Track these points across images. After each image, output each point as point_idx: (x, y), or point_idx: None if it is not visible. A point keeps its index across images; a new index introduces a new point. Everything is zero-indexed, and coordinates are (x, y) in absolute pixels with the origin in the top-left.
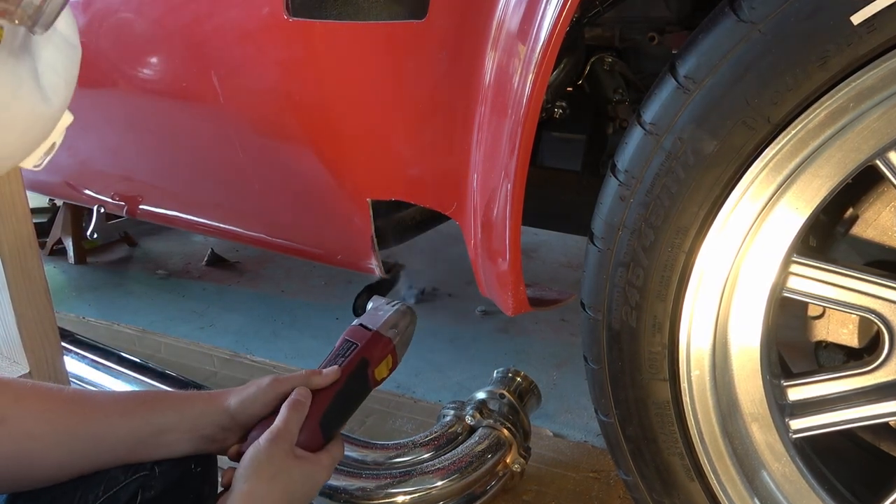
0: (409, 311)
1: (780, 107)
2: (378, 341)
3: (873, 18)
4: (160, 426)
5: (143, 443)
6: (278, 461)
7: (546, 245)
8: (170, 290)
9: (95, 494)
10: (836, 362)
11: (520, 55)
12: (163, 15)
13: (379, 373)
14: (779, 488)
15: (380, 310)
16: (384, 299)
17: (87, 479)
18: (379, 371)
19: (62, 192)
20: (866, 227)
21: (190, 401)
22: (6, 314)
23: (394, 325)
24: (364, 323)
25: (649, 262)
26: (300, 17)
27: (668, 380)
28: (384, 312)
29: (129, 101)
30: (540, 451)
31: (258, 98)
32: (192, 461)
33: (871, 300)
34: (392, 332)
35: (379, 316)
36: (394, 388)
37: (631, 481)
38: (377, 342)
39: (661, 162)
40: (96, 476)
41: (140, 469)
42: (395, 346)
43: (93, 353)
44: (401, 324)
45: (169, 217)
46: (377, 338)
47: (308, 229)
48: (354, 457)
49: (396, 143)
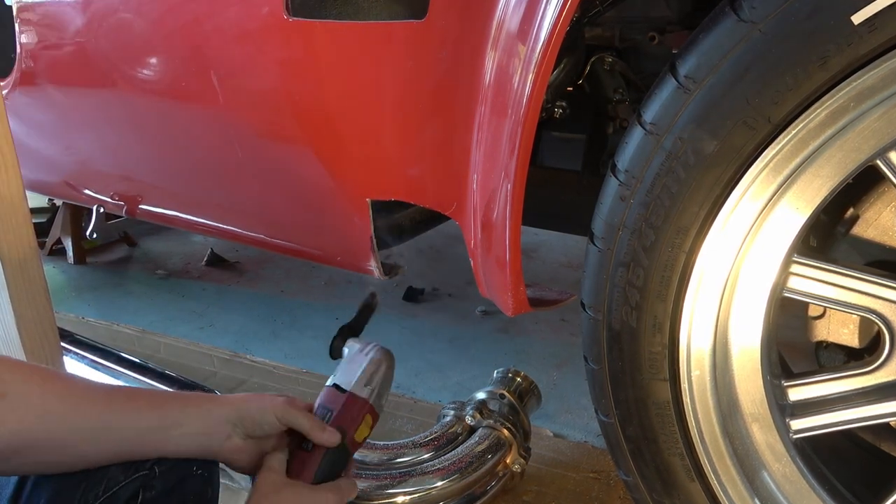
0: (385, 356)
1: (780, 106)
2: (353, 405)
3: (874, 18)
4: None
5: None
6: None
7: (546, 245)
8: (169, 291)
9: (96, 493)
10: (837, 362)
11: (520, 55)
12: (162, 15)
13: (359, 435)
14: (779, 488)
15: (354, 361)
16: (358, 344)
17: (88, 477)
18: (359, 433)
19: (62, 192)
20: (867, 227)
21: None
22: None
23: (368, 382)
24: (338, 383)
25: (650, 262)
26: (300, 17)
27: (668, 380)
28: (358, 365)
29: (128, 101)
30: (540, 452)
31: (258, 98)
32: (195, 463)
33: (871, 300)
34: (367, 390)
35: (353, 370)
36: (394, 389)
37: (631, 482)
38: (353, 406)
39: (661, 162)
40: (97, 474)
41: (141, 468)
42: (373, 405)
43: (92, 354)
44: (376, 377)
45: (168, 217)
46: (352, 401)
47: (307, 230)
48: (354, 457)
49: (396, 143)
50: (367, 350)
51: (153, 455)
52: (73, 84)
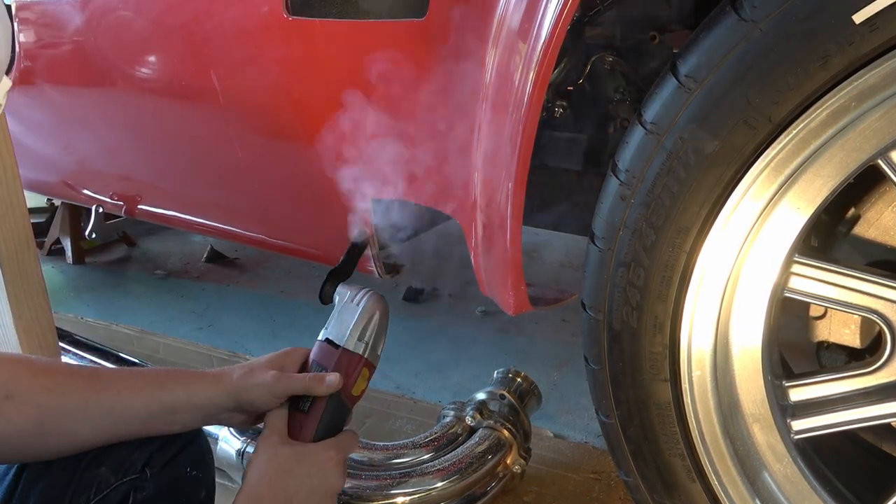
0: (377, 304)
1: (781, 106)
2: (348, 361)
3: (875, 17)
4: (170, 404)
5: (155, 418)
6: (267, 450)
7: (546, 245)
8: (169, 291)
9: (87, 496)
10: (838, 363)
11: (521, 53)
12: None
13: (357, 389)
14: (780, 489)
15: (345, 312)
16: (349, 291)
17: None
18: (356, 388)
19: (60, 192)
20: (868, 227)
21: (198, 380)
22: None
23: (361, 335)
24: (331, 338)
25: (650, 262)
26: (300, 16)
27: (669, 380)
28: (350, 316)
29: (127, 100)
30: (540, 452)
31: (258, 97)
32: (187, 464)
33: (872, 300)
34: (361, 344)
35: (345, 323)
36: (393, 389)
37: (632, 482)
38: (348, 362)
39: (662, 161)
40: (87, 477)
41: (132, 471)
42: (368, 358)
43: (91, 354)
44: (369, 328)
45: (168, 217)
46: (347, 358)
47: (307, 229)
48: (354, 458)
49: (396, 141)
50: (358, 298)
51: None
52: (72, 83)
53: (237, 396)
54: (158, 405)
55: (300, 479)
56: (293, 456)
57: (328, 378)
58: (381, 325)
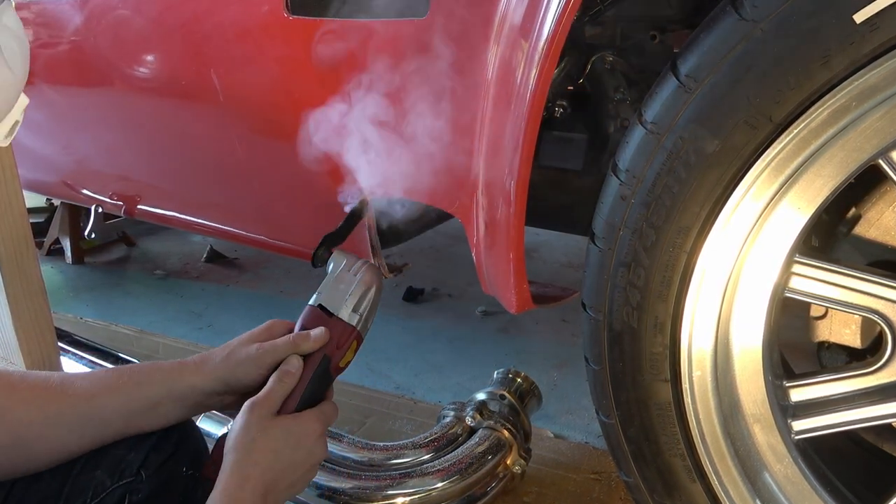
0: (375, 278)
1: (782, 106)
2: (342, 332)
3: (876, 17)
4: (150, 400)
5: (137, 415)
6: (255, 427)
7: (546, 245)
8: (168, 291)
9: (83, 500)
10: (839, 363)
11: (523, 50)
12: (162, 13)
13: (344, 361)
14: (781, 490)
15: (341, 281)
16: (345, 259)
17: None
18: (344, 360)
19: (60, 192)
20: (869, 227)
21: (178, 371)
22: (2, 315)
23: (356, 307)
24: (324, 305)
25: (651, 262)
26: (300, 15)
27: (669, 380)
28: (347, 286)
29: (127, 100)
30: (540, 453)
31: (258, 96)
32: (183, 464)
33: (873, 300)
34: (356, 316)
35: (341, 292)
36: (393, 389)
37: (632, 483)
38: (341, 333)
39: (662, 161)
40: (82, 481)
41: (126, 474)
42: (360, 331)
43: (90, 354)
44: (365, 301)
45: (167, 217)
46: (341, 328)
47: (307, 229)
48: (354, 458)
49: (397, 140)
50: (355, 269)
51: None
52: (72, 83)
53: (225, 379)
54: (137, 403)
55: (288, 456)
56: (281, 433)
57: (313, 333)
58: (375, 300)
